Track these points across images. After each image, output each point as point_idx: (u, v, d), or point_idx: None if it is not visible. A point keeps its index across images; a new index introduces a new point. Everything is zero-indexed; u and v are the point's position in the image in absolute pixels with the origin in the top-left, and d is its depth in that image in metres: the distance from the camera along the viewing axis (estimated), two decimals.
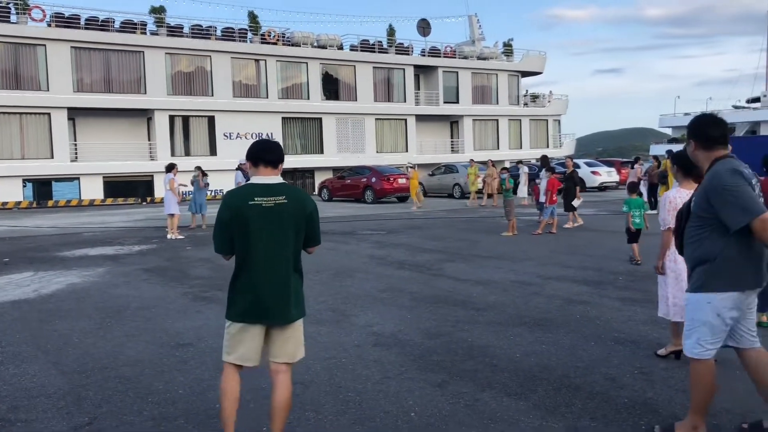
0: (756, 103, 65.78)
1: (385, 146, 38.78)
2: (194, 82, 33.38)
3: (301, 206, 3.60)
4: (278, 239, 3.53)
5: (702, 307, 3.70)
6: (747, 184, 3.53)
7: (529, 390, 4.78)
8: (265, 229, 3.50)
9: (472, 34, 45.06)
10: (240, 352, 3.67)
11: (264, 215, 3.48)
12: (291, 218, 3.55)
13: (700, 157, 3.80)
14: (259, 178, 3.58)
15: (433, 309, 7.42)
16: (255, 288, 3.56)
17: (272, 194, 3.51)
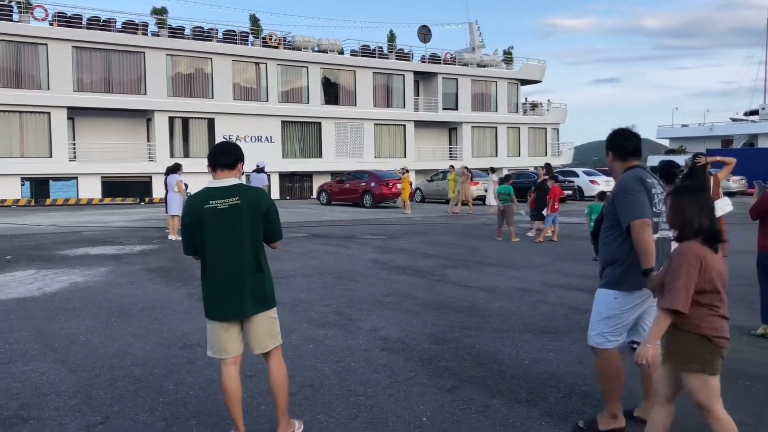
0: (754, 116, 66.11)
1: (384, 152, 38.85)
2: (194, 84, 33.42)
3: (255, 205, 3.73)
4: (233, 240, 3.70)
5: (609, 302, 4.02)
6: (645, 192, 3.88)
7: (540, 397, 4.80)
8: (220, 230, 3.68)
9: (473, 41, 45.24)
10: (217, 346, 3.92)
11: (218, 217, 3.66)
12: (246, 218, 3.69)
13: (616, 167, 4.14)
14: (215, 181, 3.75)
15: (438, 315, 7.43)
16: (214, 286, 3.79)
17: (226, 196, 3.68)
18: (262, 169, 18.60)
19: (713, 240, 3.33)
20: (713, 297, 3.30)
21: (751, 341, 6.22)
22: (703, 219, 3.32)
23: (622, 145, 4.12)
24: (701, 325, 3.29)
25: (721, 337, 3.31)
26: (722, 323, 3.33)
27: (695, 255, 3.26)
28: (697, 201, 3.37)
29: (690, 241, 3.33)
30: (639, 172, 4.01)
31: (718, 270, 3.29)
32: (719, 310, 3.32)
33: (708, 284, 3.27)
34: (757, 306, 6.63)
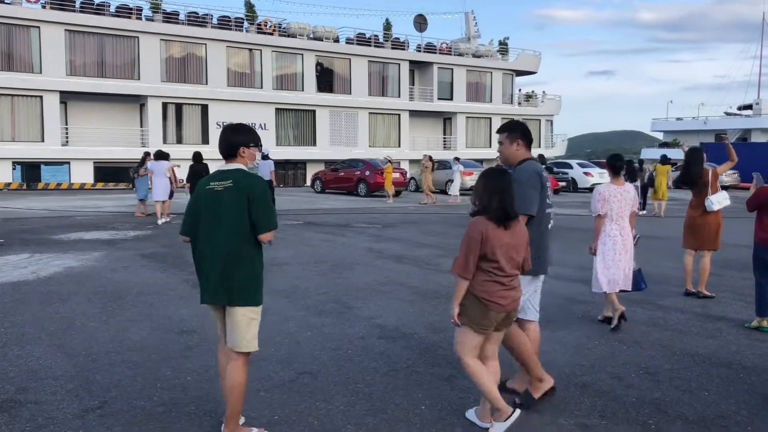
0: (748, 111, 66.37)
1: (378, 141, 38.78)
2: (188, 69, 33.21)
3: (244, 189, 3.66)
4: (216, 222, 3.68)
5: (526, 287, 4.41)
6: (540, 185, 4.33)
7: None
8: (209, 212, 3.70)
9: (468, 31, 45.11)
10: (217, 329, 3.96)
11: (210, 198, 3.70)
12: (233, 201, 3.65)
13: (518, 154, 4.47)
14: (223, 165, 3.82)
15: (434, 303, 7.44)
16: (197, 268, 3.83)
17: (223, 179, 3.71)
18: (267, 156, 18.86)
19: (501, 218, 3.84)
20: (492, 265, 3.84)
21: (746, 333, 6.26)
22: (497, 199, 3.83)
23: (531, 137, 4.53)
24: (477, 288, 3.86)
25: (492, 302, 3.85)
26: (496, 288, 3.85)
27: (477, 229, 3.83)
28: (496, 184, 3.87)
29: (478, 216, 3.89)
30: (537, 165, 4.41)
31: (499, 243, 3.82)
32: (496, 277, 3.85)
33: (489, 254, 3.81)
34: (752, 299, 6.67)
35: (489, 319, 3.89)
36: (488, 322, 3.89)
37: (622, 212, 6.46)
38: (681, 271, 8.27)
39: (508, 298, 3.90)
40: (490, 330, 3.93)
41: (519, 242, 3.94)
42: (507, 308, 3.91)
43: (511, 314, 4.00)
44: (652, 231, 14.97)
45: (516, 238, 3.91)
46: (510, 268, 3.89)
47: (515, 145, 4.46)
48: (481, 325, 3.89)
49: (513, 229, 3.90)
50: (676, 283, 8.47)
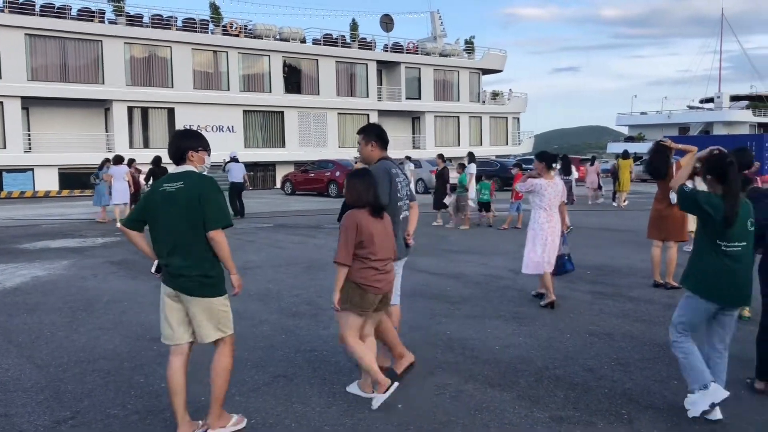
0: (709, 104, 67.75)
1: (348, 141, 38.66)
2: (154, 72, 32.79)
3: (193, 190, 3.83)
4: (172, 220, 3.83)
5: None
6: (389, 182, 4.76)
7: (512, 381, 4.87)
8: (165, 211, 3.84)
9: (434, 30, 45.28)
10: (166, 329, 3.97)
11: (165, 199, 3.85)
12: (185, 201, 3.82)
13: (374, 154, 4.90)
14: (175, 168, 3.99)
15: (409, 302, 7.43)
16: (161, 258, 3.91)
17: (174, 181, 3.88)
18: (237, 159, 18.92)
19: (377, 209, 4.36)
20: (366, 251, 4.28)
21: None
22: (370, 195, 4.34)
23: (386, 138, 4.93)
24: (355, 275, 4.29)
25: (370, 285, 4.30)
26: (372, 273, 4.30)
27: (353, 220, 4.28)
28: (366, 182, 4.36)
29: (354, 210, 4.34)
30: (387, 164, 4.86)
31: (373, 233, 4.28)
32: (371, 263, 4.29)
33: (365, 242, 4.26)
34: None
35: (368, 301, 4.34)
36: (368, 304, 4.35)
37: (552, 204, 7.15)
38: (649, 263, 8.42)
39: (383, 281, 4.38)
40: (370, 311, 4.40)
41: (389, 231, 4.47)
42: (383, 290, 4.39)
43: (387, 295, 4.49)
44: (619, 224, 15.21)
45: (387, 226, 4.45)
46: (383, 254, 4.37)
47: (370, 146, 4.91)
48: (361, 308, 4.34)
49: (384, 219, 4.43)
50: (644, 275, 8.62)
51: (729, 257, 4.08)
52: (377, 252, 4.31)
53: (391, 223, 4.54)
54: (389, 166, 4.87)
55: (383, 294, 4.41)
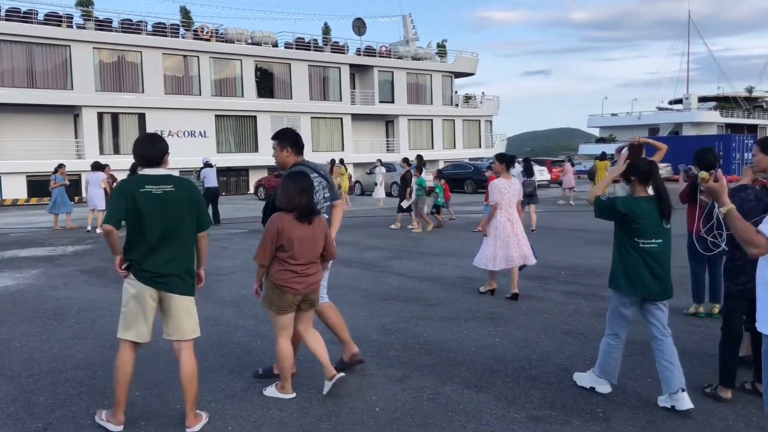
0: (678, 105, 68.92)
1: (321, 145, 38.61)
2: (124, 78, 32.39)
3: (190, 192, 4.10)
4: (167, 221, 3.98)
5: None
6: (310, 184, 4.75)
7: (488, 382, 4.90)
8: (157, 213, 3.95)
9: (406, 34, 45.41)
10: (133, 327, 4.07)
11: (156, 201, 3.95)
12: (183, 203, 4.04)
13: (289, 159, 4.98)
14: (149, 170, 4.09)
15: (385, 305, 7.47)
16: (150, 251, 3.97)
17: (161, 183, 4.00)
18: (210, 164, 18.77)
19: (307, 214, 4.43)
20: (287, 255, 4.40)
21: (684, 320, 6.51)
22: (301, 200, 4.41)
23: (300, 143, 5.04)
24: (274, 276, 4.45)
25: (287, 287, 4.43)
26: (289, 276, 4.42)
27: (275, 224, 4.40)
28: (299, 186, 4.45)
29: (279, 213, 4.44)
30: (304, 168, 4.95)
31: (294, 238, 4.38)
32: (290, 267, 4.41)
33: (285, 246, 4.38)
34: (688, 286, 6.92)
35: (286, 302, 4.47)
36: (286, 304, 4.48)
37: (510, 202, 7.71)
38: None
39: (303, 283, 4.48)
40: (290, 311, 4.53)
41: (317, 235, 4.53)
42: (302, 292, 4.50)
43: (309, 296, 4.59)
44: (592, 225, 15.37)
45: (315, 231, 4.51)
46: (306, 258, 4.48)
47: (285, 151, 4.99)
48: (280, 307, 4.48)
49: (314, 224, 4.49)
50: None
51: (648, 254, 4.36)
52: (298, 257, 4.43)
53: (325, 227, 4.63)
54: (304, 171, 4.96)
55: (303, 295, 4.53)
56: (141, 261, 3.96)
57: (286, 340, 4.57)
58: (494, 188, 7.69)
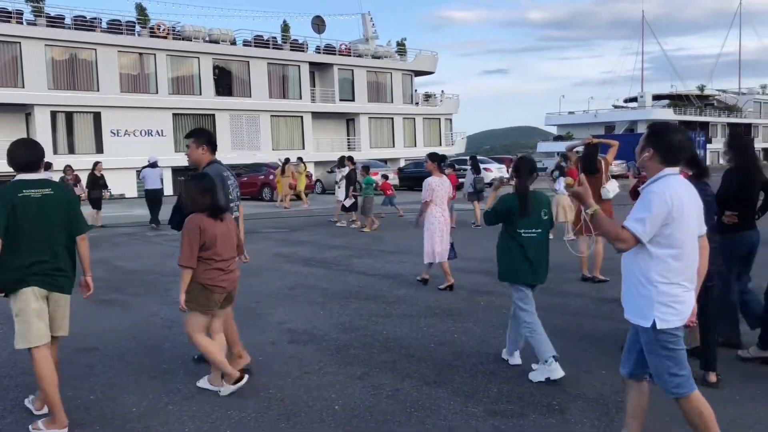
0: (633, 103, 70.38)
1: (281, 143, 38.35)
2: (78, 76, 31.66)
3: (64, 196, 4.19)
4: (53, 224, 4.08)
5: None
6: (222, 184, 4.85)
7: (447, 378, 4.94)
8: (40, 215, 4.04)
9: (366, 32, 45.37)
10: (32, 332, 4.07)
11: (39, 204, 4.03)
12: (62, 206, 4.13)
13: (204, 157, 5.07)
14: (26, 175, 4.14)
15: (345, 304, 7.47)
16: (30, 256, 4.02)
17: (40, 187, 4.09)
18: (156, 164, 17.73)
19: (216, 212, 4.51)
20: (211, 253, 4.46)
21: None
22: (207, 199, 4.47)
23: (215, 142, 5.15)
24: (201, 276, 4.45)
25: (216, 286, 4.50)
26: (217, 274, 4.49)
27: (195, 224, 4.42)
28: (201, 186, 4.50)
29: (194, 214, 4.47)
30: (219, 167, 5.04)
31: (216, 234, 4.45)
32: (215, 265, 4.48)
33: (208, 244, 4.43)
34: None
35: (213, 301, 4.54)
36: (213, 304, 4.55)
37: (442, 199, 8.16)
38: (577, 257, 8.68)
39: (228, 281, 4.60)
40: (214, 310, 4.60)
41: (232, 230, 4.65)
42: (228, 289, 4.63)
43: (231, 293, 4.71)
44: None
45: (229, 227, 4.62)
46: (228, 254, 4.57)
47: (201, 149, 5.07)
48: (207, 307, 4.53)
49: (226, 220, 4.60)
50: (573, 269, 8.87)
51: (528, 243, 4.91)
52: (221, 253, 4.51)
53: (234, 223, 4.74)
54: (221, 170, 5.04)
55: (228, 292, 4.64)
56: (26, 263, 3.98)
57: (203, 335, 4.61)
58: (427, 185, 8.08)
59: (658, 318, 3.16)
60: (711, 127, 67.68)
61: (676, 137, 3.25)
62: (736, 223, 5.23)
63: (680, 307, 3.18)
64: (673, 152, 3.24)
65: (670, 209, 3.11)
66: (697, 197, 3.29)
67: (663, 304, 3.16)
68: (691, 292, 3.25)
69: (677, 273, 3.17)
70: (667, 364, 3.22)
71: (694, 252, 3.24)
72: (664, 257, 3.15)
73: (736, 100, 75.29)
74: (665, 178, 3.22)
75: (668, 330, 3.18)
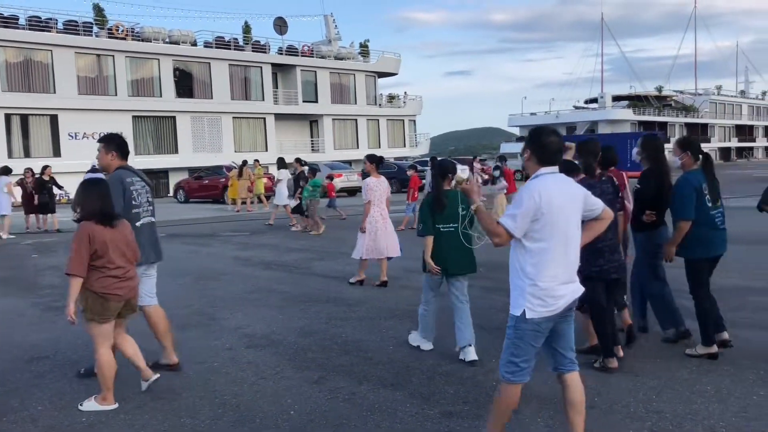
0: (593, 104, 71.52)
1: (244, 145, 38.05)
2: (33, 78, 30.97)
3: None
4: None
5: None
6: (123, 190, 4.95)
7: (404, 380, 4.94)
8: None
9: (329, 33, 45.31)
10: None
11: None
12: None
13: (113, 163, 5.09)
14: None
15: (304, 307, 7.42)
16: None
17: None
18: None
19: (107, 218, 4.40)
20: (104, 262, 4.35)
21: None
22: (96, 204, 4.40)
23: (126, 149, 5.16)
24: (95, 285, 4.35)
25: (110, 294, 4.38)
26: (111, 282, 4.38)
27: (85, 231, 4.31)
28: (88, 193, 4.45)
29: (85, 221, 4.37)
30: (123, 173, 5.07)
31: (107, 242, 4.34)
32: (109, 272, 4.37)
33: (99, 252, 4.32)
34: None
35: (109, 310, 4.43)
36: (109, 313, 4.43)
37: (381, 199, 8.49)
38: None
39: (124, 288, 4.47)
40: (111, 319, 4.46)
41: (125, 237, 4.53)
42: (125, 297, 4.49)
43: (130, 301, 4.59)
44: None
45: (122, 234, 4.50)
46: (122, 261, 4.45)
47: (110, 155, 5.09)
48: (103, 317, 4.41)
49: (118, 226, 4.48)
50: None
51: (445, 236, 5.37)
52: (114, 260, 4.40)
53: (129, 229, 4.64)
54: (125, 175, 5.06)
55: (125, 300, 4.53)
56: None
57: (107, 350, 4.50)
58: (366, 186, 8.40)
59: (528, 308, 3.33)
60: (669, 126, 69.16)
61: (549, 139, 3.44)
62: (653, 221, 5.57)
63: (550, 300, 3.32)
64: (546, 153, 3.43)
65: (538, 205, 3.28)
66: (575, 193, 3.48)
67: (533, 296, 3.32)
68: (567, 285, 3.38)
69: (549, 266, 3.32)
70: (512, 351, 3.43)
71: (568, 247, 3.38)
72: (536, 251, 3.32)
73: (693, 100, 77.05)
74: (540, 177, 3.41)
75: (535, 320, 3.33)
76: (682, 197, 5.16)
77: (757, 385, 4.62)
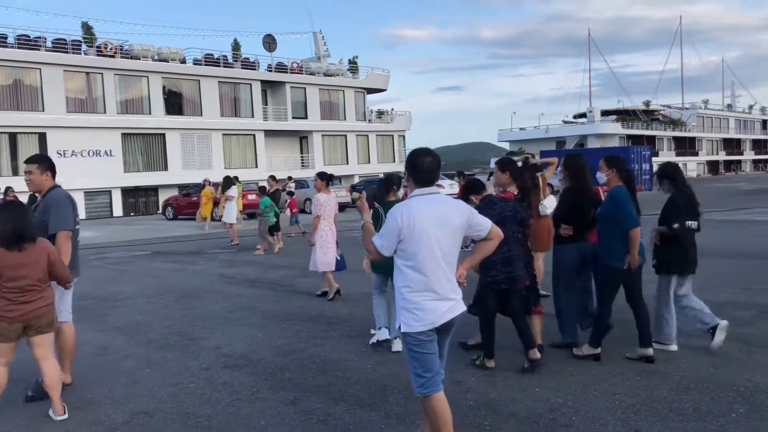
0: (582, 119, 71.94)
1: (234, 162, 37.96)
2: (22, 96, 30.87)
3: None
4: None
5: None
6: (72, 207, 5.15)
7: (381, 400, 4.88)
8: None
9: (318, 50, 45.44)
10: None
11: None
12: None
13: (47, 183, 5.17)
14: None
15: (285, 326, 7.35)
16: None
17: None
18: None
19: (16, 241, 4.38)
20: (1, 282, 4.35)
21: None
22: (8, 226, 4.38)
23: (54, 170, 5.24)
24: None
25: (1, 316, 4.36)
26: (3, 303, 4.36)
27: None
28: (12, 212, 4.47)
29: None
30: (65, 192, 5.17)
31: (8, 264, 4.34)
32: (2, 295, 4.36)
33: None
34: None
35: (7, 330, 4.41)
36: (8, 332, 4.42)
37: (330, 214, 8.87)
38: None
39: (19, 311, 4.41)
40: (10, 339, 4.46)
41: (33, 261, 4.46)
42: (20, 319, 4.44)
43: (32, 323, 4.50)
44: None
45: (30, 257, 4.45)
46: (22, 285, 4.41)
47: (45, 175, 5.18)
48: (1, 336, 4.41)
49: (28, 250, 4.43)
50: None
51: None
52: (9, 283, 4.37)
53: (41, 252, 4.53)
54: (69, 194, 5.22)
55: (24, 323, 4.47)
56: None
57: (3, 367, 4.52)
58: (316, 202, 8.79)
59: (403, 322, 3.50)
60: (657, 140, 69.66)
61: (422, 159, 3.53)
62: (570, 235, 5.95)
63: (421, 314, 3.45)
64: (420, 174, 3.53)
65: (401, 227, 3.43)
66: (447, 215, 3.51)
67: (406, 310, 3.48)
68: (442, 302, 3.49)
69: (418, 283, 3.46)
70: (413, 365, 3.54)
71: (437, 266, 3.48)
72: (404, 269, 3.50)
73: (680, 114, 77.66)
74: (411, 198, 3.55)
75: (411, 333, 3.47)
76: (627, 208, 5.46)
77: (736, 402, 4.58)
